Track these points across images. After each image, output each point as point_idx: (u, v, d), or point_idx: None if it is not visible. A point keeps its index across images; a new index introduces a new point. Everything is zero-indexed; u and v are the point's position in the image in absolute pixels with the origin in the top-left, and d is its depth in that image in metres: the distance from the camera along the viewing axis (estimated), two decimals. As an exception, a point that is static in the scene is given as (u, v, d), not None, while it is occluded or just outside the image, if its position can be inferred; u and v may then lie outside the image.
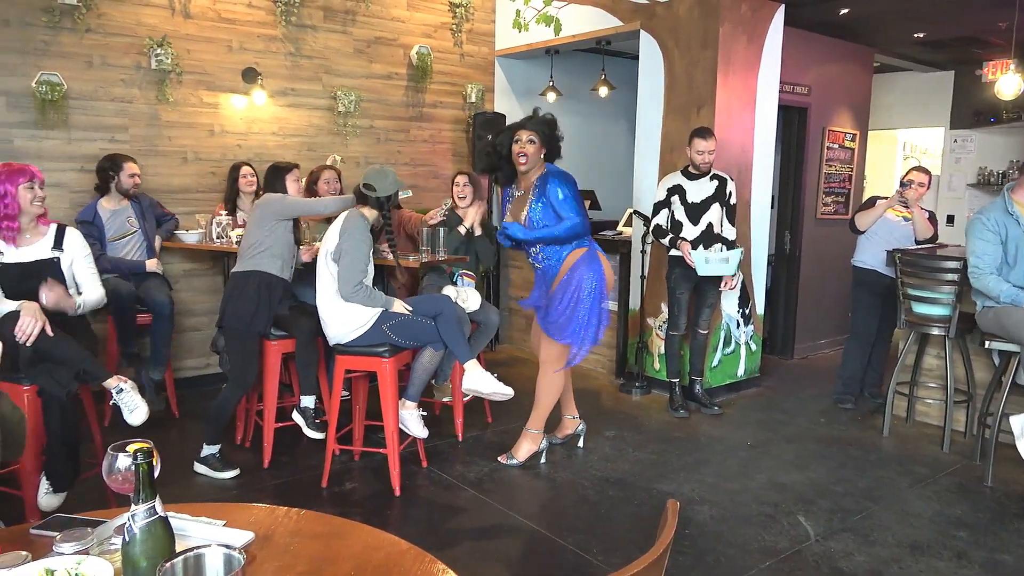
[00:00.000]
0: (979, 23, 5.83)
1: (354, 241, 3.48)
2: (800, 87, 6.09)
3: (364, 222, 3.56)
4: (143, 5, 4.81)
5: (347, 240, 3.48)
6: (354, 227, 3.51)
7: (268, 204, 3.80)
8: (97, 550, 1.39)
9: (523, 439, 4.03)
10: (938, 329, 4.26)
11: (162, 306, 4.41)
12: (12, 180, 3.12)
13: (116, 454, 1.39)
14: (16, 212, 3.16)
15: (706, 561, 3.02)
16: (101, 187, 4.47)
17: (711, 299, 4.86)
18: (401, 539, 1.51)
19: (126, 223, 4.50)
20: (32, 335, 2.98)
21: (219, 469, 3.74)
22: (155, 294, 4.41)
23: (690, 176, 4.70)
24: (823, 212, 6.49)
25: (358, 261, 3.48)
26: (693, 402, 4.99)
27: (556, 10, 5.51)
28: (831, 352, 6.63)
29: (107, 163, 4.46)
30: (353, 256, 3.47)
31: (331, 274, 3.54)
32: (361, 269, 3.49)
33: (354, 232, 3.50)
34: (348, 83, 5.69)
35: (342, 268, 3.48)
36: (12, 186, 3.12)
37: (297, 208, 3.83)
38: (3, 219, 3.14)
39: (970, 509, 3.55)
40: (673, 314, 4.89)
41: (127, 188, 4.46)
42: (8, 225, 3.16)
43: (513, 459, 3.99)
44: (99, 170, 4.47)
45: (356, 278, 3.47)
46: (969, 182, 8.00)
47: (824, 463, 4.10)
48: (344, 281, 3.48)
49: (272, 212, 3.77)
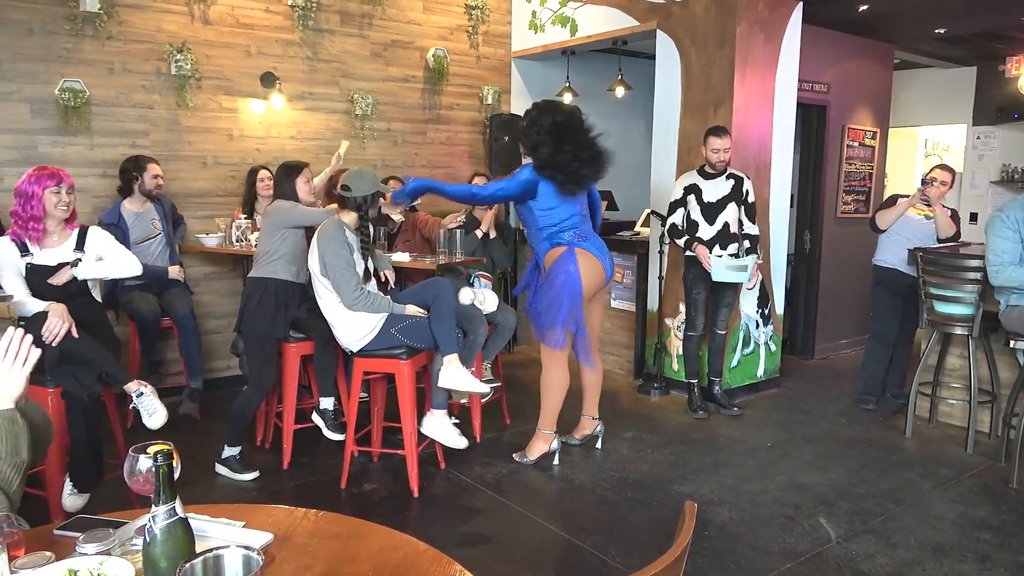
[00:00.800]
0: (1000, 18, 5.76)
1: (331, 249, 3.43)
2: (819, 85, 6.04)
3: (338, 228, 3.49)
4: (163, 12, 4.87)
5: (325, 251, 3.45)
6: (327, 237, 3.46)
7: (277, 213, 3.81)
8: (119, 551, 1.41)
9: (535, 439, 4.04)
10: (961, 328, 4.21)
11: (185, 318, 4.48)
12: (40, 183, 3.22)
13: (137, 456, 1.41)
14: (41, 214, 3.24)
15: (726, 563, 3.00)
16: (124, 189, 4.52)
17: (728, 299, 4.84)
18: (419, 540, 1.52)
19: (150, 225, 4.56)
20: (59, 335, 3.04)
21: (239, 471, 3.78)
22: (178, 306, 4.47)
23: (706, 175, 4.69)
24: (843, 211, 6.43)
25: (345, 268, 3.43)
26: (712, 403, 4.96)
27: (572, 11, 5.50)
28: (852, 352, 6.56)
29: (130, 164, 4.50)
30: (336, 264, 3.43)
31: (326, 287, 3.52)
32: (352, 275, 3.45)
33: (328, 242, 3.44)
34: (365, 86, 5.72)
35: (333, 280, 3.45)
36: (40, 188, 3.21)
37: (304, 219, 3.80)
38: (29, 220, 3.23)
39: (994, 511, 3.50)
40: (690, 314, 4.86)
41: (150, 189, 4.51)
42: (34, 226, 3.25)
43: (526, 458, 4.00)
44: (122, 172, 4.52)
45: (351, 284, 3.43)
46: (992, 179, 7.89)
47: (845, 464, 4.06)
48: (343, 292, 3.44)
49: (281, 221, 3.78)
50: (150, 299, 4.40)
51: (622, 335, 5.80)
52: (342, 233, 3.48)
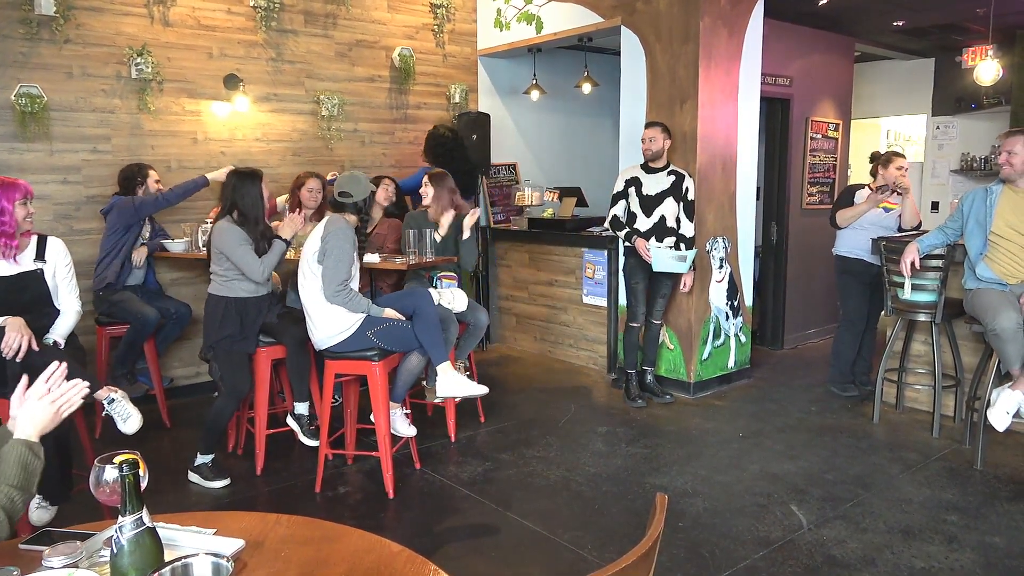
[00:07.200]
0: (957, 10, 5.88)
1: (338, 242, 3.47)
2: (782, 78, 6.12)
3: (348, 226, 3.56)
4: (122, 15, 4.78)
5: (331, 241, 3.47)
6: (338, 230, 3.50)
7: (222, 240, 3.67)
8: (87, 563, 1.39)
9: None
10: (924, 315, 4.29)
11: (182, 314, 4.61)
12: (8, 196, 3.07)
13: (103, 466, 1.39)
14: (14, 230, 3.11)
15: (700, 553, 3.03)
16: (123, 195, 4.51)
17: (665, 290, 4.93)
18: (392, 541, 1.51)
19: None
20: (21, 350, 2.97)
21: (211, 478, 3.73)
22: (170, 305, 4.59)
23: (648, 170, 4.81)
24: (808, 202, 6.53)
25: (342, 262, 3.47)
26: (647, 392, 5.04)
27: (537, 8, 5.52)
28: (820, 341, 6.66)
29: (134, 170, 4.54)
30: (337, 257, 3.46)
31: (315, 274, 3.52)
32: (346, 269, 3.49)
33: (338, 234, 3.48)
34: (331, 87, 5.68)
35: (326, 268, 3.47)
36: (8, 203, 3.06)
37: (241, 261, 3.64)
38: (1, 236, 3.08)
39: (961, 493, 3.58)
40: (631, 304, 4.94)
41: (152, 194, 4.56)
42: (7, 242, 3.11)
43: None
44: (125, 178, 4.53)
45: (340, 278, 3.46)
46: (953, 168, 8.07)
47: (816, 452, 4.12)
48: (328, 281, 3.46)
49: (225, 249, 3.66)
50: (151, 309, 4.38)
51: (595, 330, 5.83)
52: (352, 231, 3.56)
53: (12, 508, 1.52)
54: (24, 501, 1.55)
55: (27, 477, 1.56)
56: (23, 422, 1.61)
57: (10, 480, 1.54)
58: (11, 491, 1.53)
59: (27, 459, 1.56)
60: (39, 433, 1.62)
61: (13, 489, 1.53)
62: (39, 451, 1.60)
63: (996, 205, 3.82)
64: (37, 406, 1.62)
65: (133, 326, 4.33)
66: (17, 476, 1.54)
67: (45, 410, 1.62)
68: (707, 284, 5.14)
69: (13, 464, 1.55)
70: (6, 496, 1.52)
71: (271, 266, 3.72)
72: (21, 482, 1.54)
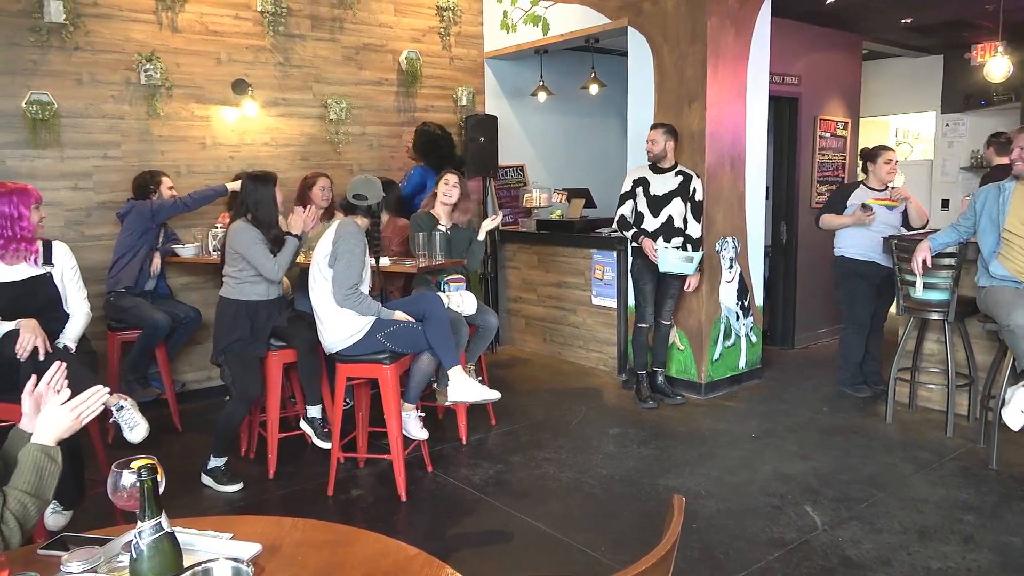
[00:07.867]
0: (966, 6, 5.84)
1: (350, 246, 3.48)
2: (790, 77, 6.09)
3: (359, 229, 3.56)
4: (131, 21, 4.80)
5: (343, 245, 3.48)
6: (349, 233, 3.51)
7: (236, 239, 3.66)
8: (105, 568, 1.39)
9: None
10: (937, 314, 4.26)
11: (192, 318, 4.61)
12: (24, 202, 3.13)
13: (120, 471, 1.40)
14: (32, 234, 3.17)
15: (714, 555, 3.02)
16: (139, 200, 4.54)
17: (674, 291, 4.91)
18: (408, 544, 1.51)
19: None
20: (39, 350, 2.99)
21: (224, 482, 3.73)
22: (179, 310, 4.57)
23: (657, 170, 4.80)
24: (818, 201, 6.49)
25: (353, 265, 3.47)
26: (658, 393, 5.02)
27: (543, 10, 5.50)
28: (831, 341, 6.63)
29: (147, 177, 4.57)
30: (348, 260, 3.46)
31: (325, 278, 3.52)
32: (356, 273, 3.49)
33: (349, 238, 3.49)
34: (339, 91, 5.69)
35: (337, 272, 3.47)
36: (26, 208, 3.13)
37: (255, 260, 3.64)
38: (21, 241, 3.13)
39: (976, 493, 3.55)
40: (639, 305, 4.92)
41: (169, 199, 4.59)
42: (27, 247, 3.16)
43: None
44: (139, 186, 4.56)
45: (351, 281, 3.46)
46: (962, 165, 8.02)
47: (828, 452, 4.10)
48: (339, 284, 3.47)
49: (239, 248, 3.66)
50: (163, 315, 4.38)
51: (604, 332, 5.82)
52: (363, 235, 3.58)
53: (25, 515, 1.52)
54: (38, 508, 1.55)
55: (41, 483, 1.56)
56: (43, 428, 1.62)
57: (23, 486, 1.54)
58: (24, 497, 1.53)
59: (43, 464, 1.57)
60: (57, 439, 1.62)
61: (26, 495, 1.53)
62: (56, 455, 1.60)
63: (1009, 202, 3.79)
64: (59, 412, 1.63)
65: (144, 331, 4.34)
66: (31, 482, 1.54)
67: (66, 416, 1.63)
68: (717, 284, 5.12)
69: (28, 470, 1.56)
70: (18, 502, 1.52)
71: (285, 264, 3.71)
72: (35, 488, 1.54)
